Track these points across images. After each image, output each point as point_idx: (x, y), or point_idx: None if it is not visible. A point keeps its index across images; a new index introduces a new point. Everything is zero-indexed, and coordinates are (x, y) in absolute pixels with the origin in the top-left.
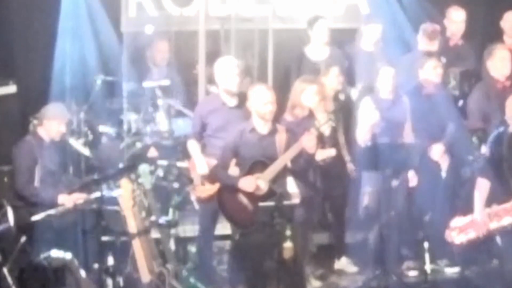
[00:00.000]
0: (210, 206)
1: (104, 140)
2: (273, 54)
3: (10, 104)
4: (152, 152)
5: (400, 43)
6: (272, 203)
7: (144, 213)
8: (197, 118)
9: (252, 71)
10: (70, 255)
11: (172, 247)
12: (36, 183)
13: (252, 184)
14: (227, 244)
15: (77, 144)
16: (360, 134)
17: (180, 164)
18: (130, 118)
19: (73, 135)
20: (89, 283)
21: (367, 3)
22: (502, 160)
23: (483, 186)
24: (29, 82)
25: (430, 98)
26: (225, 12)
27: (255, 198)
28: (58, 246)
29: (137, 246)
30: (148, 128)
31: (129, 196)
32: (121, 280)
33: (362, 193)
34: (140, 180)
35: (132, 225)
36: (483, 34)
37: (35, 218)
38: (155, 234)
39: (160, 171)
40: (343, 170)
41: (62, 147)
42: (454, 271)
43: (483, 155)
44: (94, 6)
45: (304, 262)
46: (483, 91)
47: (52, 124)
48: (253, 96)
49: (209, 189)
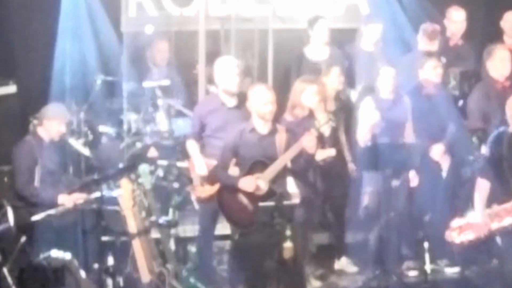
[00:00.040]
0: (210, 206)
1: (104, 140)
2: (273, 54)
3: (10, 104)
4: (152, 152)
5: (400, 43)
6: (272, 203)
7: (144, 213)
8: (196, 118)
9: (252, 71)
10: (69, 255)
11: (172, 247)
12: (36, 183)
13: (252, 184)
14: (227, 244)
15: (77, 144)
16: (360, 134)
17: (180, 164)
18: (130, 118)
19: (73, 135)
20: (89, 283)
21: (367, 3)
22: (502, 160)
23: (483, 187)
24: (29, 82)
25: (430, 98)
26: (225, 12)
27: (255, 198)
28: (58, 246)
29: (137, 246)
30: (148, 128)
31: (129, 196)
32: (121, 280)
33: (363, 193)
34: (140, 180)
35: (132, 225)
36: (483, 34)
37: (35, 218)
38: (155, 234)
39: (160, 171)
40: (343, 170)
41: (62, 147)
42: (454, 271)
43: (483, 155)
44: (94, 6)
45: (304, 262)
46: (483, 91)
47: (52, 124)
48: (253, 96)
49: (209, 189)
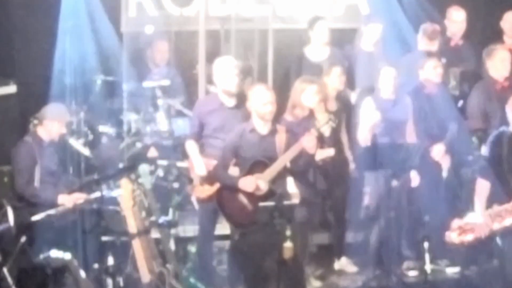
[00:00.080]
0: (210, 206)
1: (104, 140)
2: (273, 54)
3: (10, 104)
4: (152, 152)
5: (400, 43)
6: (272, 203)
7: (144, 213)
8: (196, 118)
9: (252, 71)
10: (69, 255)
11: (172, 247)
12: (36, 183)
13: (252, 184)
14: (227, 244)
15: (77, 144)
16: (361, 134)
17: (180, 164)
18: (130, 118)
19: (73, 135)
20: (88, 283)
21: (367, 3)
22: (502, 160)
23: (483, 187)
24: (29, 82)
25: (431, 98)
26: (225, 12)
27: (255, 198)
28: (58, 246)
29: (137, 246)
30: (148, 128)
31: (129, 196)
32: (121, 280)
33: (363, 193)
34: (140, 180)
35: (132, 225)
36: (483, 34)
37: (35, 218)
38: (155, 234)
39: (160, 171)
40: (344, 170)
41: (62, 147)
42: (454, 271)
43: (483, 155)
44: (94, 6)
45: (304, 262)
46: (482, 91)
47: (53, 124)
48: (253, 96)
49: (208, 189)
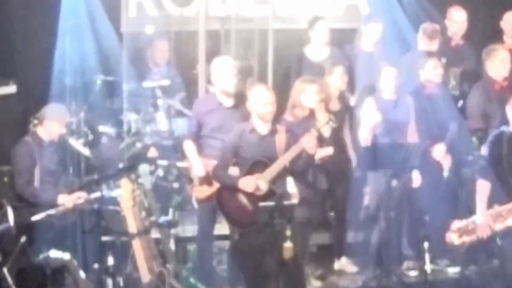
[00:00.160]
0: (209, 206)
1: (104, 140)
2: (273, 54)
3: (10, 104)
4: (152, 152)
5: (400, 43)
6: (272, 203)
7: (144, 213)
8: (194, 118)
9: (252, 71)
10: (68, 255)
11: (172, 247)
12: (36, 183)
13: (252, 184)
14: (227, 244)
15: (77, 144)
16: (362, 134)
17: (180, 164)
18: (130, 118)
19: (73, 135)
20: (87, 283)
21: (367, 3)
22: (502, 160)
23: (484, 188)
24: (29, 82)
25: (431, 98)
26: (225, 12)
27: (255, 198)
28: (58, 246)
29: (137, 246)
30: (148, 128)
31: (129, 196)
32: (121, 280)
33: (364, 193)
34: (140, 180)
35: (132, 225)
36: (483, 34)
37: (35, 218)
38: (155, 234)
39: (160, 171)
40: (344, 170)
41: (62, 147)
42: (454, 271)
43: (483, 155)
44: (94, 6)
45: (304, 262)
46: (482, 91)
47: (53, 124)
48: (252, 96)
49: (207, 190)
